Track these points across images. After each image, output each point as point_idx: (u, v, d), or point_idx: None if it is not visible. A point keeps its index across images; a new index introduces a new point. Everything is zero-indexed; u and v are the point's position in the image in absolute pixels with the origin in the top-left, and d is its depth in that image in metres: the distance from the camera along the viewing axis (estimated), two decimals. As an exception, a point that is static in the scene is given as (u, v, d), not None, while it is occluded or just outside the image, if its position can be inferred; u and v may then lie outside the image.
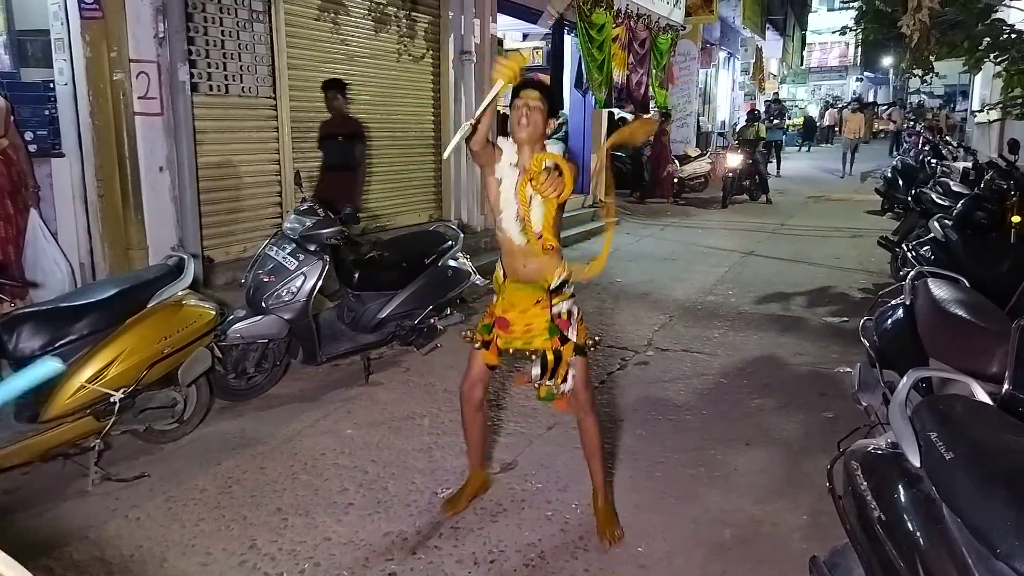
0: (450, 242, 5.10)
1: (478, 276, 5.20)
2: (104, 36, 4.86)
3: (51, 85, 4.93)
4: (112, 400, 3.25)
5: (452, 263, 5.05)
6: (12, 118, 4.58)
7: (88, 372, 3.21)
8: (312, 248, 4.39)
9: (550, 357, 2.81)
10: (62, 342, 3.20)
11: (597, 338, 3.00)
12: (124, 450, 3.61)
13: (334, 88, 6.05)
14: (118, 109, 5.00)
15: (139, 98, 5.09)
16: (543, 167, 2.47)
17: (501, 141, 2.81)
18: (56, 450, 3.22)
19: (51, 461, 3.29)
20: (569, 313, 2.85)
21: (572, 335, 2.84)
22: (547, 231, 2.68)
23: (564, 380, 2.83)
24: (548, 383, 2.84)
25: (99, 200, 5.09)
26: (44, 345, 3.16)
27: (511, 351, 2.93)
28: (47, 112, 4.92)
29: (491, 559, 2.82)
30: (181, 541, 2.90)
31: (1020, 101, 7.95)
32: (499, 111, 8.95)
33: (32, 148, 4.82)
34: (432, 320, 4.90)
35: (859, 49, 36.85)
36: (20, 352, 3.12)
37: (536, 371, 2.83)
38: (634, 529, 3.01)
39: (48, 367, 0.75)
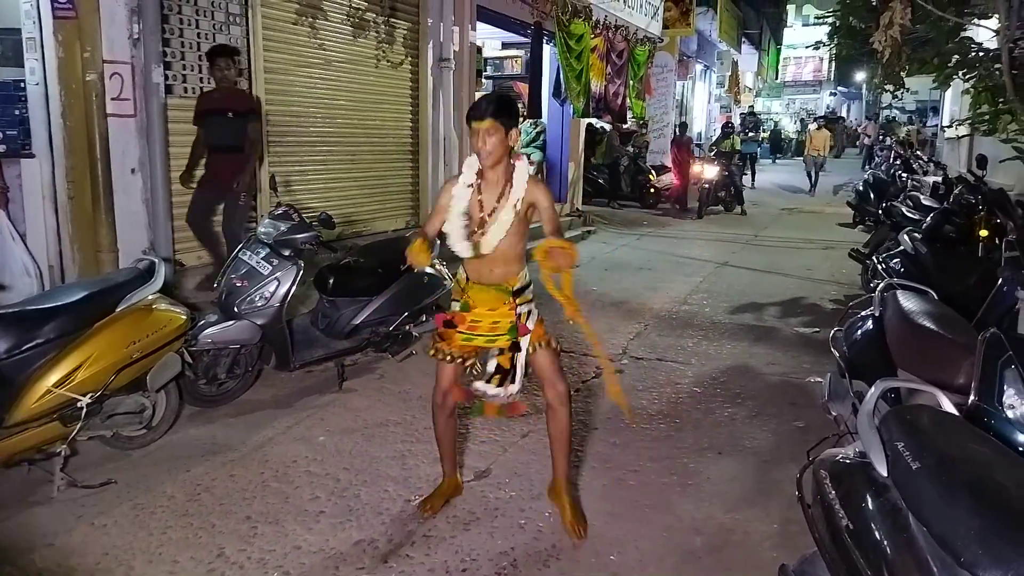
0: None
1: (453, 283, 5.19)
2: (77, 36, 4.79)
3: (22, 84, 4.85)
4: (79, 405, 3.19)
5: (428, 270, 5.03)
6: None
7: (55, 376, 3.15)
8: (286, 253, 4.35)
9: (504, 360, 2.87)
10: (28, 345, 3.13)
11: (556, 346, 3.01)
12: (91, 456, 3.55)
13: (225, 56, 5.42)
14: (90, 110, 4.94)
15: (112, 99, 5.04)
16: (546, 253, 2.56)
17: (467, 161, 2.90)
18: (21, 455, 3.15)
19: (15, 467, 3.22)
20: (529, 314, 2.92)
21: (531, 323, 2.90)
22: (570, 300, 2.74)
23: (512, 382, 2.90)
24: (488, 392, 2.91)
25: (69, 202, 5.01)
26: (10, 348, 3.09)
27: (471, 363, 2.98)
28: (17, 112, 4.83)
29: (463, 568, 2.80)
30: (148, 549, 2.85)
31: (987, 117, 8.12)
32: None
33: (1, 148, 4.74)
34: (407, 327, 4.88)
35: (833, 64, 37.45)
36: (-16, 355, 3.05)
37: (491, 368, 2.87)
38: (607, 537, 3.01)
39: None
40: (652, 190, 14.18)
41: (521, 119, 8.98)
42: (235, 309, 4.20)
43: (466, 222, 2.84)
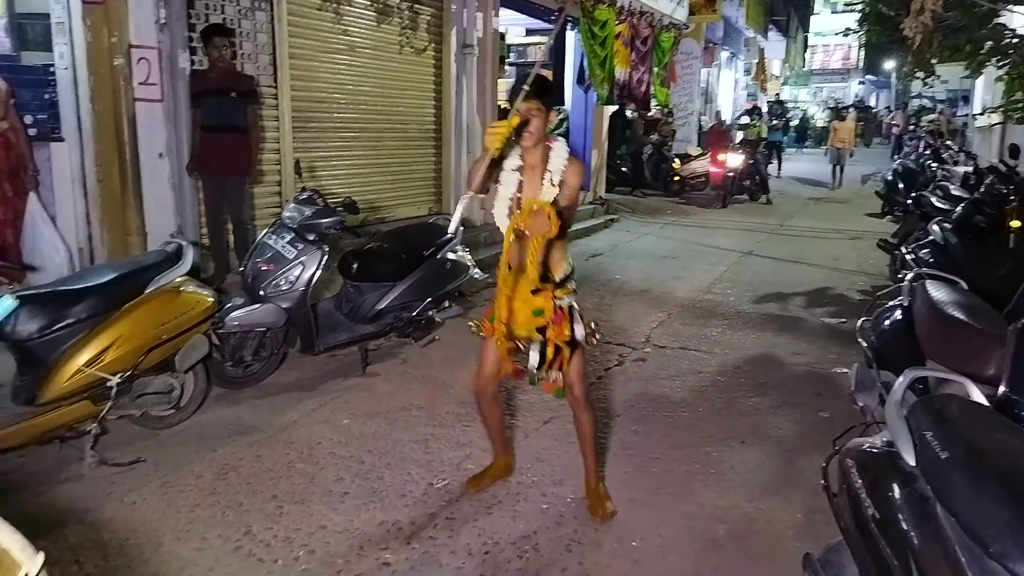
0: (449, 234, 5.10)
1: (477, 270, 5.20)
2: (105, 21, 4.84)
3: (51, 69, 4.90)
4: (109, 384, 3.26)
5: (451, 256, 5.05)
6: (12, 101, 4.56)
7: (85, 356, 3.21)
8: (311, 237, 4.38)
9: (550, 349, 2.83)
10: (59, 325, 3.19)
11: (598, 336, 3.00)
12: (120, 435, 3.61)
13: (220, 35, 5.30)
14: (118, 94, 4.99)
15: (139, 84, 5.08)
16: (530, 210, 2.52)
17: (512, 157, 2.88)
18: (52, 433, 3.23)
19: (47, 444, 3.29)
20: (570, 308, 2.88)
21: (577, 330, 2.86)
22: (532, 264, 2.66)
23: (550, 368, 2.88)
24: (540, 372, 2.88)
25: (98, 185, 5.08)
26: (41, 328, 3.15)
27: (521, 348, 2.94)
28: (47, 96, 4.89)
29: (485, 550, 2.82)
30: (176, 526, 2.90)
31: (1021, 105, 7.95)
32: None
33: (32, 132, 4.80)
34: (430, 312, 4.90)
35: (862, 52, 36.84)
36: (17, 334, 3.12)
37: (534, 359, 2.86)
38: (628, 524, 3.02)
39: (1, 304, 0.74)
40: (677, 178, 14.08)
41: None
42: (261, 292, 4.24)
43: (511, 204, 2.86)
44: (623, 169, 13.97)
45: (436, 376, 4.58)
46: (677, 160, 14.30)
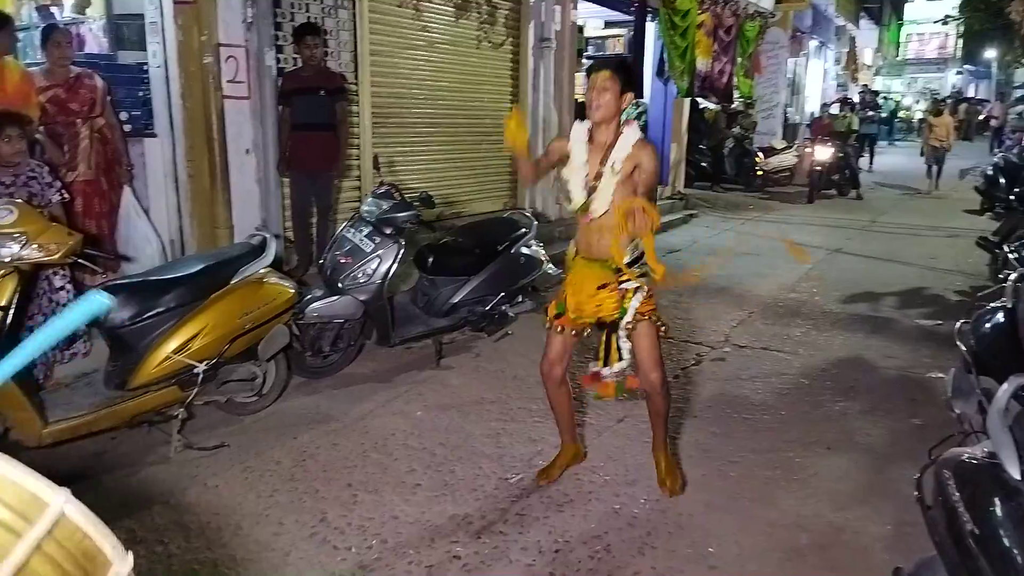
0: (524, 229, 5.07)
1: (551, 264, 5.16)
2: (196, 20, 5.02)
3: (145, 67, 5.12)
4: (196, 371, 3.37)
5: (525, 250, 5.02)
6: (108, 99, 4.79)
7: (174, 343, 3.33)
8: (388, 231, 4.43)
9: (602, 340, 2.85)
10: (150, 313, 3.33)
11: (663, 328, 2.95)
12: (206, 420, 3.74)
13: (312, 34, 5.39)
14: (207, 92, 5.17)
15: (228, 81, 5.25)
16: (626, 213, 2.50)
17: (576, 125, 2.90)
18: (142, 417, 3.37)
19: (137, 427, 3.44)
20: (636, 290, 2.85)
21: (630, 309, 2.84)
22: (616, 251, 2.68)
23: (620, 359, 2.89)
24: (608, 375, 2.92)
25: (188, 180, 5.28)
26: (133, 316, 3.29)
27: (586, 333, 2.99)
28: (141, 93, 5.11)
29: (556, 548, 2.79)
30: (255, 511, 2.98)
31: None
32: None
33: (126, 128, 5.02)
34: (503, 307, 4.89)
35: (960, 40, 34.89)
36: (110, 321, 3.26)
37: (617, 367, 2.87)
38: (705, 528, 2.93)
39: (97, 302, 0.75)
40: (759, 172, 13.65)
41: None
42: (339, 285, 4.32)
43: (585, 179, 2.84)
44: (702, 164, 13.64)
45: (508, 370, 4.57)
46: (761, 154, 13.86)
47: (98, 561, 0.64)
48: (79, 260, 3.23)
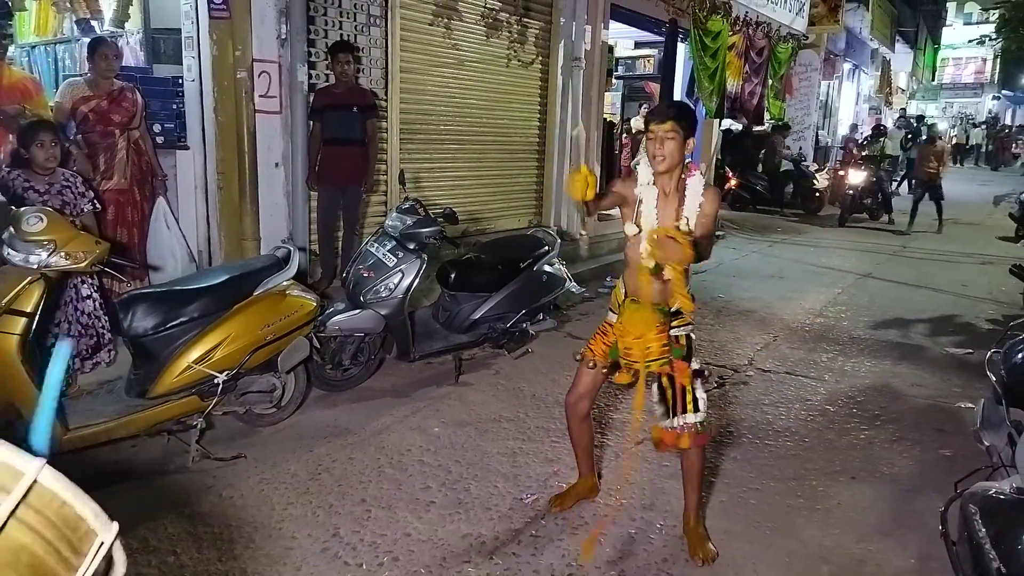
0: (547, 247, 5.06)
1: (573, 283, 5.14)
2: (230, 36, 5.11)
3: (179, 81, 5.22)
4: (216, 381, 3.39)
5: (548, 268, 5.01)
6: (144, 112, 4.88)
7: (196, 353, 3.36)
8: (411, 246, 4.45)
9: (666, 384, 2.73)
10: (173, 323, 3.36)
11: (722, 378, 2.88)
12: (224, 430, 3.77)
13: (346, 51, 5.46)
14: (240, 106, 5.25)
15: (260, 96, 5.33)
16: (656, 239, 2.42)
17: (642, 170, 2.78)
18: (161, 426, 3.39)
19: (156, 436, 3.46)
20: (687, 338, 2.78)
21: (694, 361, 2.77)
22: (679, 288, 2.58)
23: (696, 410, 2.75)
24: (665, 423, 2.77)
25: (218, 192, 5.35)
26: (156, 325, 3.33)
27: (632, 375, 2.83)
28: (175, 106, 5.21)
29: (569, 572, 2.74)
30: (269, 523, 2.98)
31: None
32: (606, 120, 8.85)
33: (159, 140, 5.12)
34: (524, 324, 4.87)
35: (998, 64, 34.38)
36: (134, 330, 3.30)
37: (660, 408, 2.77)
38: (723, 557, 2.86)
39: (63, 352, 0.76)
40: (817, 194, 13.54)
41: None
42: (361, 299, 4.34)
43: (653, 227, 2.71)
44: (757, 188, 13.49)
45: (527, 389, 4.54)
46: (816, 177, 13.67)
47: (81, 529, 0.64)
48: (106, 269, 3.27)
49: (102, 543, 0.63)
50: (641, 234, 2.70)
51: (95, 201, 3.99)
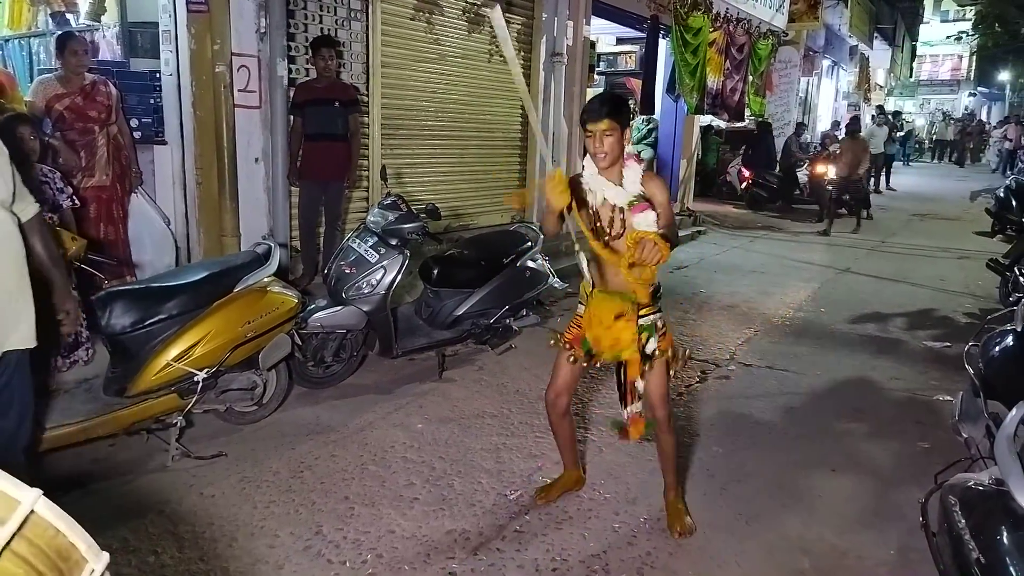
0: (529, 243, 5.06)
1: (556, 279, 5.14)
2: (208, 29, 5.05)
3: (157, 75, 5.16)
4: (196, 379, 3.36)
5: (531, 264, 5.00)
6: (121, 106, 4.81)
7: (175, 351, 3.32)
8: (393, 242, 4.42)
9: (622, 377, 2.77)
10: (152, 320, 3.32)
11: (689, 355, 2.90)
12: (204, 429, 3.72)
13: (328, 46, 5.44)
14: (219, 100, 5.19)
15: (239, 91, 5.27)
16: (636, 242, 2.43)
17: (588, 163, 2.80)
18: (140, 424, 3.35)
19: (135, 435, 3.42)
20: (651, 326, 2.78)
21: (649, 344, 2.75)
22: (642, 289, 2.62)
23: (634, 400, 2.78)
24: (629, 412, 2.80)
25: (197, 187, 5.30)
26: (135, 322, 3.28)
27: (598, 364, 2.90)
28: (152, 101, 5.14)
29: (553, 567, 2.75)
30: (251, 521, 2.95)
31: None
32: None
33: (137, 135, 5.05)
34: (508, 320, 4.86)
35: (974, 61, 34.85)
36: (112, 328, 3.26)
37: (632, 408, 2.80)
38: (706, 550, 2.88)
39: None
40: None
41: (633, 116, 8.76)
42: (343, 295, 4.31)
43: (592, 218, 2.78)
44: (773, 185, 13.55)
45: (511, 384, 4.54)
46: (801, 173, 13.76)
47: (73, 559, 0.65)
48: (83, 266, 3.23)
49: (93, 571, 0.64)
50: (589, 226, 2.75)
51: (74, 198, 3.93)
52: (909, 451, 3.84)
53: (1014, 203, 9.90)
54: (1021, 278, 5.09)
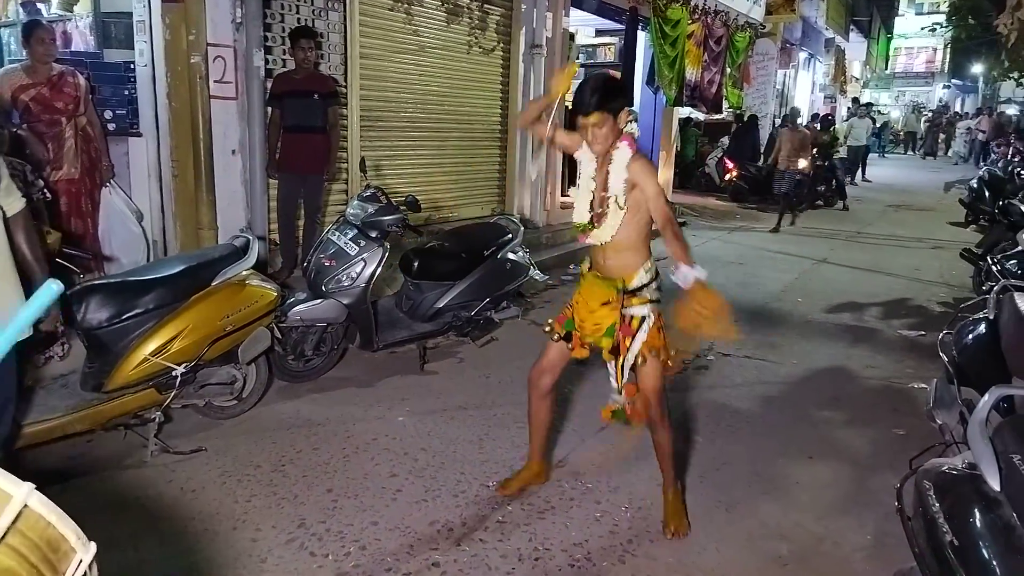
0: (510, 235, 5.06)
1: (537, 271, 5.15)
2: (183, 19, 4.98)
3: (131, 66, 5.08)
4: (174, 374, 3.32)
5: (511, 256, 5.01)
6: (91, 97, 4.73)
7: (152, 345, 3.28)
8: (373, 234, 4.40)
9: (611, 360, 2.79)
10: (128, 314, 3.28)
11: (685, 362, 2.92)
12: (183, 424, 3.69)
13: (306, 37, 5.37)
14: (194, 92, 5.13)
15: (215, 82, 5.21)
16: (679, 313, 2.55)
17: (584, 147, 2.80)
18: (118, 420, 3.32)
19: (113, 430, 3.39)
20: (643, 319, 2.76)
21: (636, 343, 2.76)
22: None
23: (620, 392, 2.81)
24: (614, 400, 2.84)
25: (173, 180, 5.23)
26: (111, 316, 3.24)
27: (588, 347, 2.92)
28: (127, 92, 5.07)
29: (536, 556, 2.76)
30: (233, 515, 2.93)
31: None
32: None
33: (111, 127, 4.98)
34: (489, 312, 4.87)
35: (947, 53, 35.26)
36: (88, 322, 3.22)
37: (611, 370, 2.81)
38: (685, 537, 2.91)
39: (49, 290, 0.77)
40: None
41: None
42: (323, 288, 4.29)
43: (591, 196, 2.78)
44: (756, 177, 13.59)
45: (493, 376, 4.55)
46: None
47: (62, 550, 0.67)
48: (57, 260, 3.18)
49: (81, 561, 0.66)
50: (576, 202, 2.82)
51: (45, 190, 3.87)
52: (885, 438, 3.90)
53: (987, 194, 10.07)
54: (994, 267, 5.17)
